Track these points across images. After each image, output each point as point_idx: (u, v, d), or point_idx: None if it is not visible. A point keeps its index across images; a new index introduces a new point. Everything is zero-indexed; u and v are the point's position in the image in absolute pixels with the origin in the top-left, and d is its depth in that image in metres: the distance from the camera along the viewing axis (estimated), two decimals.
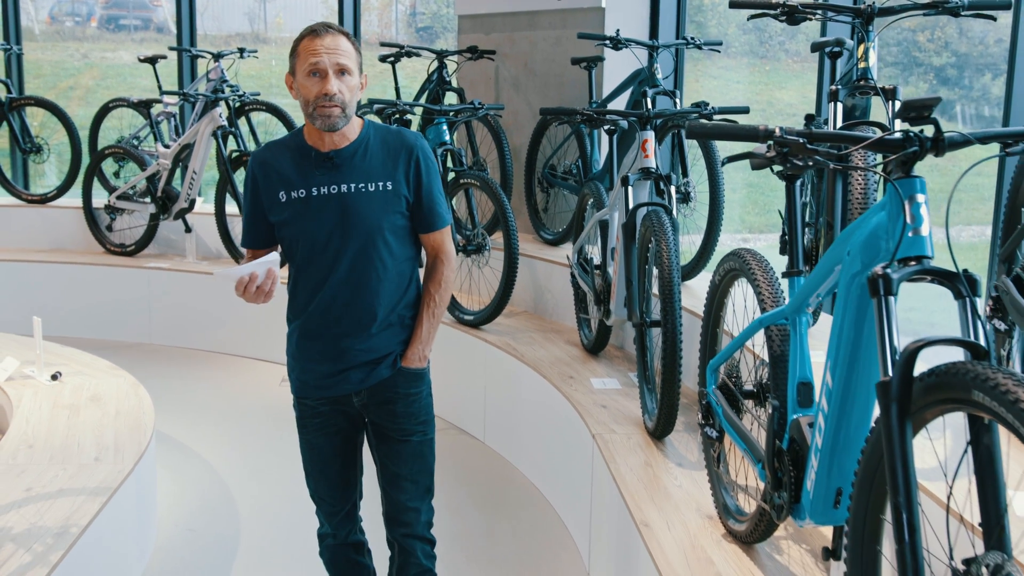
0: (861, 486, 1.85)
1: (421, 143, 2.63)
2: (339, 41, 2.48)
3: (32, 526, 2.98)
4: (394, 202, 2.59)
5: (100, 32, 15.88)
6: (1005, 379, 1.51)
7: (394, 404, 2.69)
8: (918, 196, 1.76)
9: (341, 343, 2.62)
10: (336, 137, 2.55)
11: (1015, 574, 1.56)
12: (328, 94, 2.45)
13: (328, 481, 2.79)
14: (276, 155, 2.61)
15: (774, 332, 2.41)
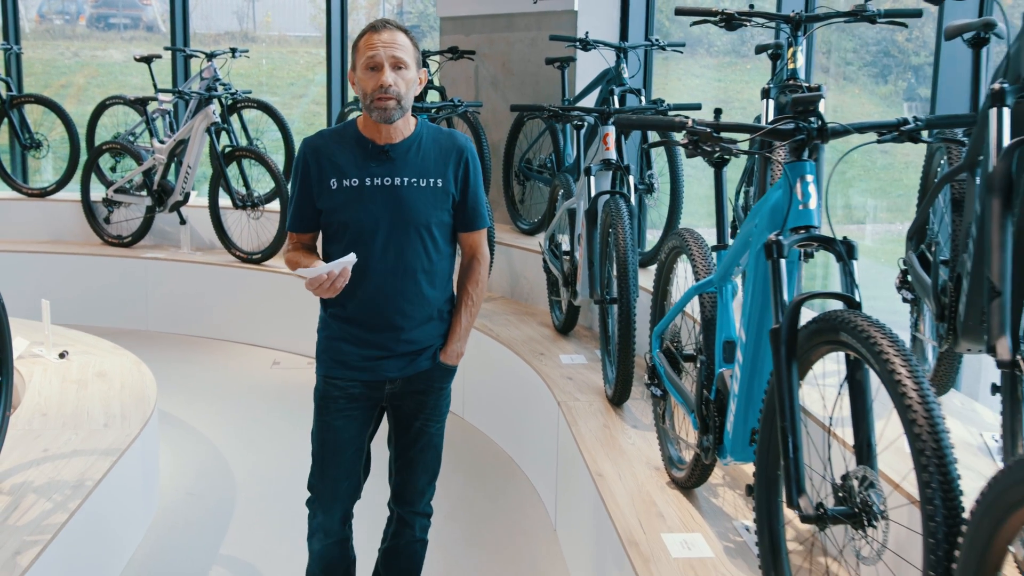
0: (764, 422, 2.21)
1: (471, 146, 2.71)
2: (396, 36, 2.55)
3: (51, 480, 3.32)
4: (442, 199, 2.66)
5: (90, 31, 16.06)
6: (865, 323, 1.87)
7: (427, 396, 2.78)
8: (806, 176, 2.13)
9: (386, 331, 2.68)
10: (391, 131, 2.61)
11: (876, 483, 1.93)
12: (384, 86, 2.51)
13: (338, 468, 2.81)
14: (330, 143, 2.66)
15: (705, 299, 2.77)
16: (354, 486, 2.86)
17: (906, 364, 1.74)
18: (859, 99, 7.23)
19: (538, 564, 3.72)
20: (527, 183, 6.23)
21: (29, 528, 2.96)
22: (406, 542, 2.94)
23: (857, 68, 7.14)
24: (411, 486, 2.87)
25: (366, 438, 2.85)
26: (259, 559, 3.70)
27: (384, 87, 2.52)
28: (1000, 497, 1.39)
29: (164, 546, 3.82)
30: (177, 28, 8.12)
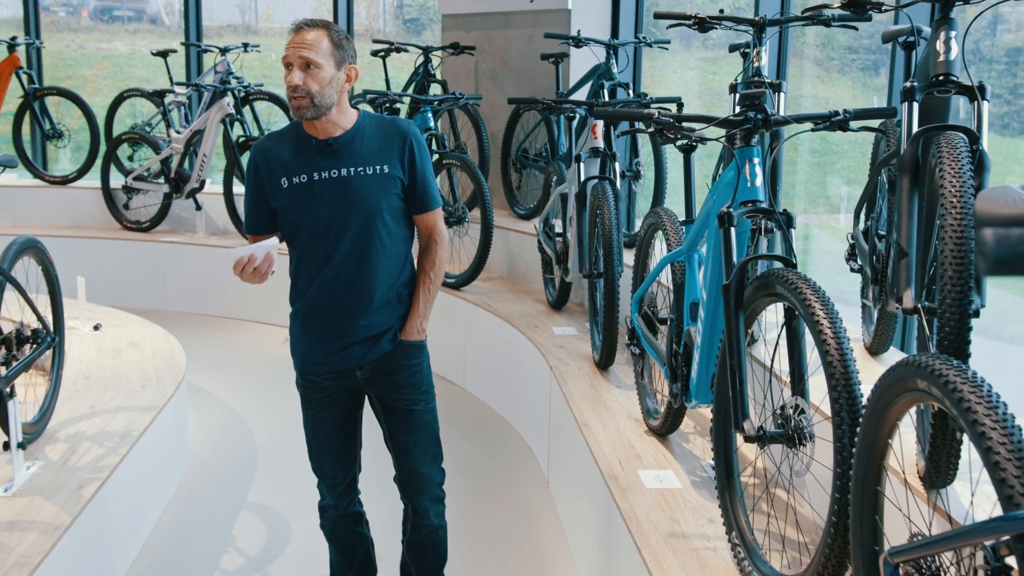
0: (719, 366, 2.64)
1: (414, 130, 2.76)
2: (308, 35, 2.59)
3: (100, 431, 3.75)
4: (390, 184, 2.71)
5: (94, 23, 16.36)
6: (795, 278, 2.30)
7: (397, 376, 2.82)
8: (753, 159, 2.55)
9: (344, 320, 2.74)
10: (330, 126, 2.68)
11: (807, 411, 2.35)
12: (291, 86, 2.58)
13: (331, 454, 2.91)
14: (277, 144, 2.73)
15: (676, 267, 3.20)
16: (349, 465, 2.95)
17: (824, 307, 2.17)
18: (852, 91, 7.58)
19: (532, 511, 4.15)
20: (523, 171, 6.64)
21: (87, 468, 3.39)
22: (427, 532, 2.98)
23: (850, 61, 7.46)
24: (414, 472, 2.91)
25: (354, 422, 2.93)
26: (283, 506, 4.13)
27: (292, 86, 2.58)
28: (880, 397, 1.81)
29: (196, 493, 4.26)
30: (191, 24, 8.51)
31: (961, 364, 1.58)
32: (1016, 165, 5.75)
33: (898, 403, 1.75)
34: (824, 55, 7.22)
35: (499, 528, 3.96)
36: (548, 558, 3.73)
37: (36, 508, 3.08)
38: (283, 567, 3.63)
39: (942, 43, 2.41)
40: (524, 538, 3.89)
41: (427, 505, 2.95)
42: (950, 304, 1.97)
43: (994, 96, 6.00)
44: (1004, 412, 1.47)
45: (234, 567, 3.65)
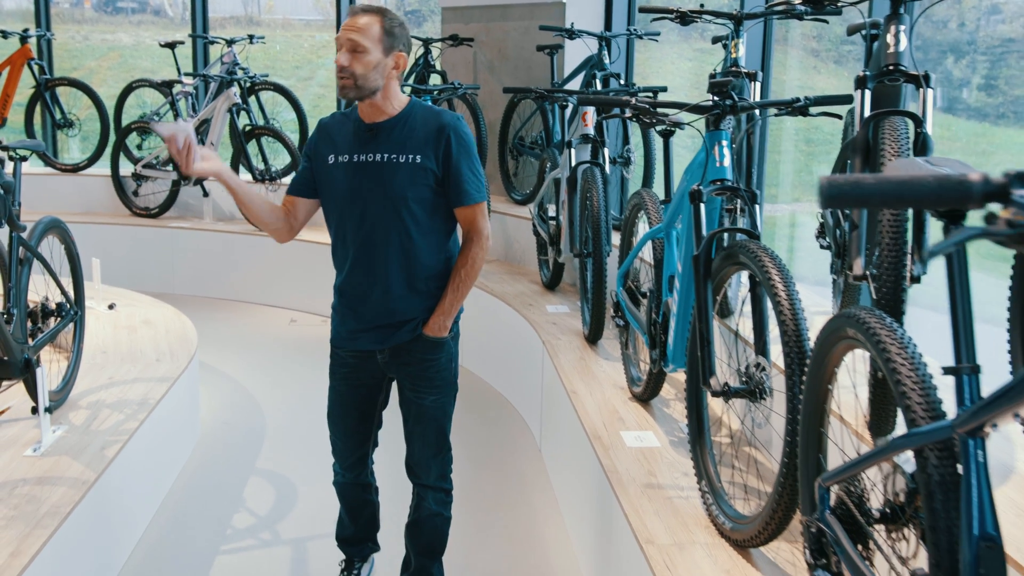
0: (691, 332, 2.89)
1: (455, 123, 2.76)
2: (359, 20, 2.67)
3: (119, 399, 4.01)
4: (420, 175, 2.72)
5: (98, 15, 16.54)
6: (757, 248, 2.54)
7: (411, 367, 2.88)
8: (722, 141, 2.80)
9: (364, 302, 2.81)
10: (376, 111, 2.75)
11: (768, 369, 2.60)
12: (338, 66, 2.66)
13: (344, 430, 3.01)
14: (335, 123, 2.85)
15: (656, 243, 3.44)
16: (362, 441, 3.05)
17: (779, 273, 2.41)
18: (848, 81, 7.80)
19: (525, 476, 4.40)
20: (520, 158, 6.88)
21: (108, 432, 3.65)
22: (425, 516, 3.06)
23: (846, 52, 7.66)
24: (415, 458, 3.02)
25: (373, 405, 3.01)
26: (291, 472, 4.39)
27: (339, 66, 2.65)
28: (820, 346, 2.06)
29: (208, 460, 4.51)
30: (197, 16, 8.74)
31: (883, 315, 1.82)
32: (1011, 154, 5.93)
33: (835, 351, 1.99)
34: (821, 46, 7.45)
35: (494, 492, 4.22)
36: (539, 518, 3.98)
37: (63, 466, 3.33)
38: (291, 526, 3.89)
39: (892, 36, 2.66)
40: (517, 500, 4.15)
41: (424, 490, 3.05)
42: (886, 268, 2.22)
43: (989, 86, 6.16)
44: (913, 352, 1.71)
45: (245, 525, 3.91)
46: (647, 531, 2.73)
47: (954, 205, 0.93)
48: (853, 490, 1.87)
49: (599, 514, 3.25)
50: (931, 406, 1.62)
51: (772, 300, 2.39)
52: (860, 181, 0.96)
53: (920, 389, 1.63)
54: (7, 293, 3.48)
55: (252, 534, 3.85)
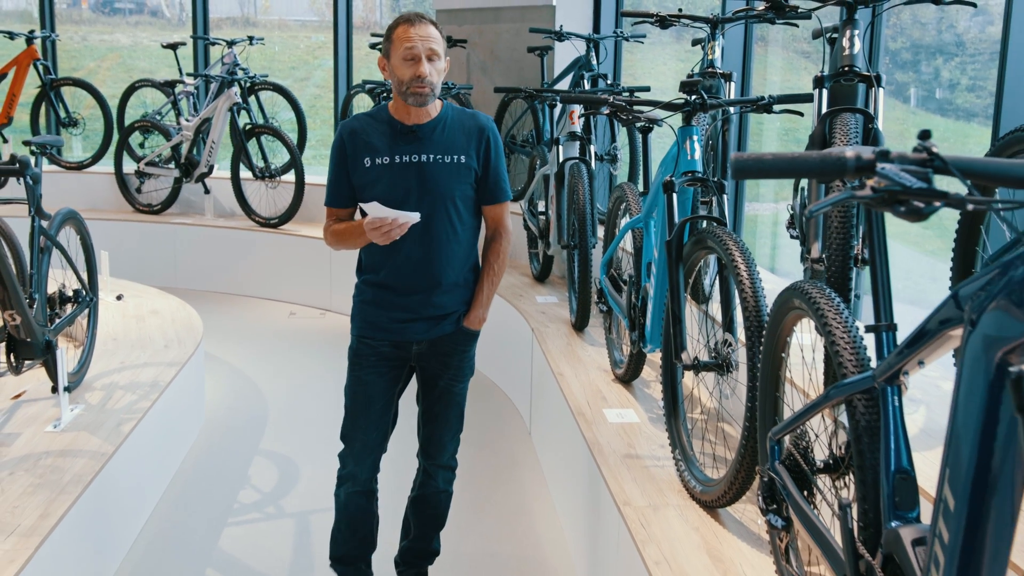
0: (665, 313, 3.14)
1: (492, 125, 2.91)
2: (430, 29, 2.75)
3: (131, 382, 4.24)
4: (465, 174, 2.85)
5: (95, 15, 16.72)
6: (723, 234, 2.79)
7: (451, 357, 3.00)
8: (693, 136, 3.04)
9: (415, 297, 2.90)
10: (419, 113, 2.83)
11: (735, 344, 2.85)
12: (420, 76, 2.72)
13: (368, 419, 3.03)
14: (364, 125, 2.88)
15: (636, 232, 3.69)
16: (382, 437, 3.09)
17: (742, 255, 2.66)
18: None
19: (515, 457, 4.65)
20: (512, 156, 7.13)
21: (123, 411, 3.88)
22: (431, 492, 3.20)
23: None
24: (435, 441, 3.12)
25: (394, 394, 3.08)
26: (293, 452, 4.63)
27: (422, 77, 2.72)
28: (773, 317, 2.30)
29: (214, 442, 4.75)
30: (198, 18, 8.98)
31: (823, 286, 2.06)
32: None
33: (785, 321, 2.24)
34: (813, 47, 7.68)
35: (486, 471, 4.46)
36: (528, 494, 4.23)
37: (83, 441, 3.57)
38: (294, 500, 4.13)
39: (847, 40, 2.91)
40: (508, 478, 4.39)
41: (438, 470, 3.17)
42: (835, 249, 2.47)
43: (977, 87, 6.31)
44: (846, 316, 1.96)
45: (251, 500, 4.15)
46: (625, 494, 2.98)
47: (835, 176, 1.17)
48: (800, 443, 2.11)
49: (582, 482, 3.49)
50: (859, 360, 1.86)
51: (735, 279, 2.64)
52: (761, 158, 1.20)
53: (850, 347, 1.88)
54: (29, 280, 3.72)
55: (257, 508, 4.08)
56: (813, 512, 2.02)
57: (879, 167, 1.13)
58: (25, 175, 3.44)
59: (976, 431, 1.34)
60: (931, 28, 6.21)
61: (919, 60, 6.57)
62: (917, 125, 6.50)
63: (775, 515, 2.15)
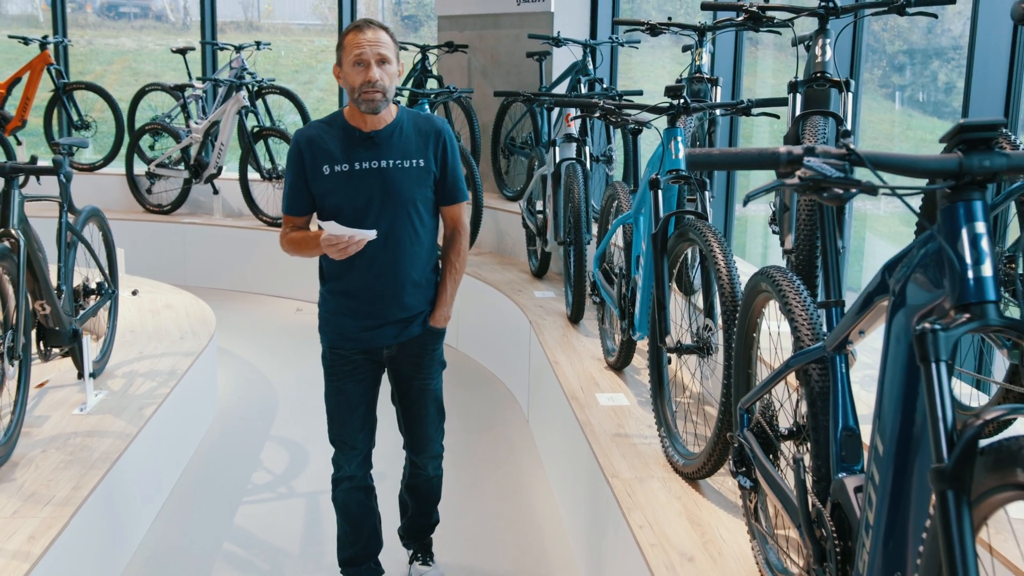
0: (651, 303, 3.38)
1: (447, 128, 2.94)
2: (379, 34, 2.77)
3: (150, 370, 4.48)
4: (425, 177, 2.88)
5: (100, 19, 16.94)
6: (702, 225, 3.02)
7: (421, 358, 3.06)
8: (677, 137, 3.29)
9: (380, 302, 2.92)
10: (376, 119, 2.84)
11: (714, 328, 3.09)
12: (371, 81, 2.74)
13: (353, 424, 3.09)
14: (321, 133, 2.88)
15: (625, 228, 3.93)
16: (368, 436, 3.17)
17: (720, 246, 2.89)
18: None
19: (513, 443, 4.89)
20: (511, 157, 7.37)
21: (144, 396, 4.12)
22: (423, 480, 3.31)
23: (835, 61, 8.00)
24: (420, 436, 3.19)
25: (374, 396, 3.15)
26: (303, 438, 4.87)
27: (372, 82, 2.74)
28: (744, 300, 2.54)
29: (228, 429, 4.99)
30: (206, 23, 9.23)
31: (786, 270, 2.30)
32: None
33: (755, 303, 2.47)
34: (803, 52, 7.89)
35: (485, 456, 4.70)
36: (526, 476, 4.47)
37: (108, 423, 3.81)
38: (304, 482, 4.37)
39: (820, 48, 3.15)
40: (506, 462, 4.63)
41: (427, 461, 3.26)
42: (802, 240, 2.71)
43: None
44: (804, 295, 2.19)
45: (264, 481, 4.39)
46: (613, 468, 3.22)
47: (770, 168, 1.41)
48: (767, 413, 2.35)
49: (575, 459, 3.73)
50: (814, 333, 2.10)
51: (712, 268, 2.88)
52: (709, 153, 1.44)
53: (807, 322, 2.12)
54: (57, 273, 3.96)
55: (270, 488, 4.33)
56: (777, 473, 2.26)
57: (806, 160, 1.36)
58: (59, 174, 3.68)
59: (899, 385, 1.58)
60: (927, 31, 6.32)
61: (915, 63, 6.74)
62: (912, 127, 6.73)
63: (744, 477, 2.38)
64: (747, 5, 3.39)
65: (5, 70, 8.90)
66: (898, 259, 1.58)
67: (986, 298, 1.36)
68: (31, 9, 16.04)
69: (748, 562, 2.58)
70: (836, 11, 3.11)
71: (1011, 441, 1.26)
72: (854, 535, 1.82)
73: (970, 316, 1.37)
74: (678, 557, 2.62)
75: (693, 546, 2.69)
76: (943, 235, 1.38)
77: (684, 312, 3.86)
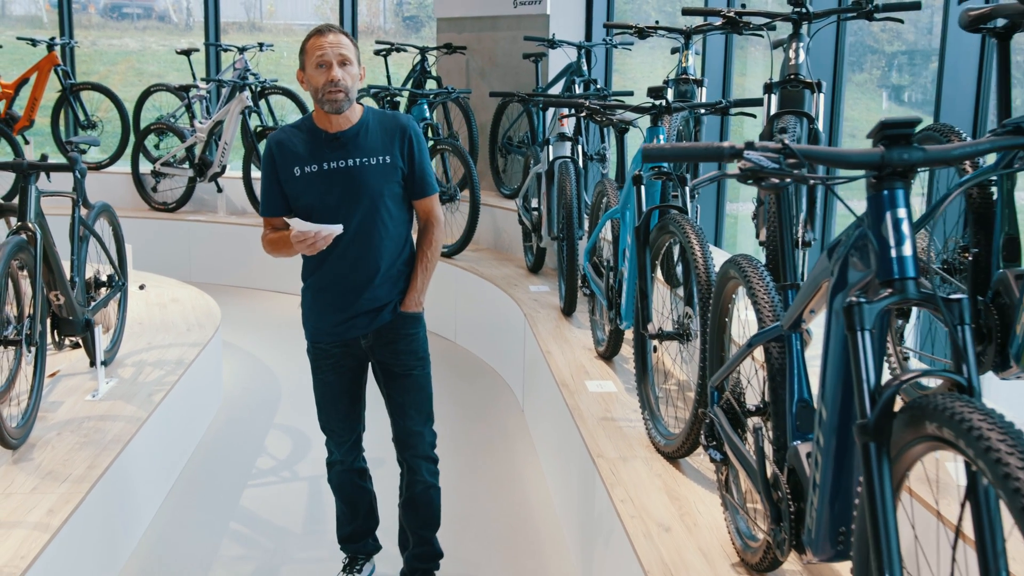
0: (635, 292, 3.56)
1: (412, 124, 3.03)
2: (340, 38, 2.88)
3: (158, 359, 4.67)
4: (392, 173, 2.98)
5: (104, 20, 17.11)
6: (680, 219, 3.21)
7: (396, 343, 3.11)
8: (659, 135, 3.47)
9: (350, 294, 3.02)
10: (341, 120, 2.94)
11: (693, 316, 3.27)
12: (333, 80, 2.84)
13: (338, 414, 3.21)
14: (291, 137, 2.99)
15: (613, 222, 4.12)
16: (356, 423, 3.27)
17: (697, 237, 3.08)
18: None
19: (508, 429, 5.07)
20: (508, 156, 7.56)
21: (153, 384, 4.31)
22: (420, 490, 3.25)
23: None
24: (407, 430, 3.21)
25: (359, 386, 3.23)
26: (305, 426, 5.05)
27: (334, 81, 2.83)
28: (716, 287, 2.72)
29: (233, 418, 5.18)
30: (210, 25, 9.42)
31: (752, 257, 2.49)
32: None
33: (725, 290, 2.65)
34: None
35: (481, 442, 4.89)
36: (519, 461, 4.65)
37: (119, 408, 4.00)
38: (306, 466, 4.56)
39: (794, 51, 3.34)
40: (501, 448, 4.82)
41: (419, 462, 3.24)
42: (772, 232, 2.88)
43: None
44: (767, 279, 2.38)
45: (268, 466, 4.58)
46: (599, 448, 3.40)
47: (716, 160, 1.59)
48: (735, 390, 2.54)
49: (564, 441, 3.92)
50: (774, 314, 2.29)
51: (690, 258, 3.06)
52: (661, 148, 1.62)
53: (768, 304, 2.31)
54: (70, 265, 4.15)
55: (274, 472, 4.52)
56: (744, 446, 2.45)
57: (745, 153, 1.55)
58: (75, 170, 3.87)
59: (839, 355, 1.77)
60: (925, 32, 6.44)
61: (914, 62, 6.91)
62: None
63: (715, 450, 2.57)
64: (725, 11, 3.57)
65: (13, 70, 9.09)
66: (837, 243, 1.77)
67: (906, 275, 1.55)
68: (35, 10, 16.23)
69: (721, 531, 2.77)
70: (808, 16, 3.30)
71: (923, 399, 1.44)
72: (806, 496, 2.00)
73: (892, 291, 1.55)
74: (656, 527, 2.81)
75: (671, 517, 2.88)
76: (869, 220, 1.57)
77: (668, 302, 4.05)
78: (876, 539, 1.48)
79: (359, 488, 3.38)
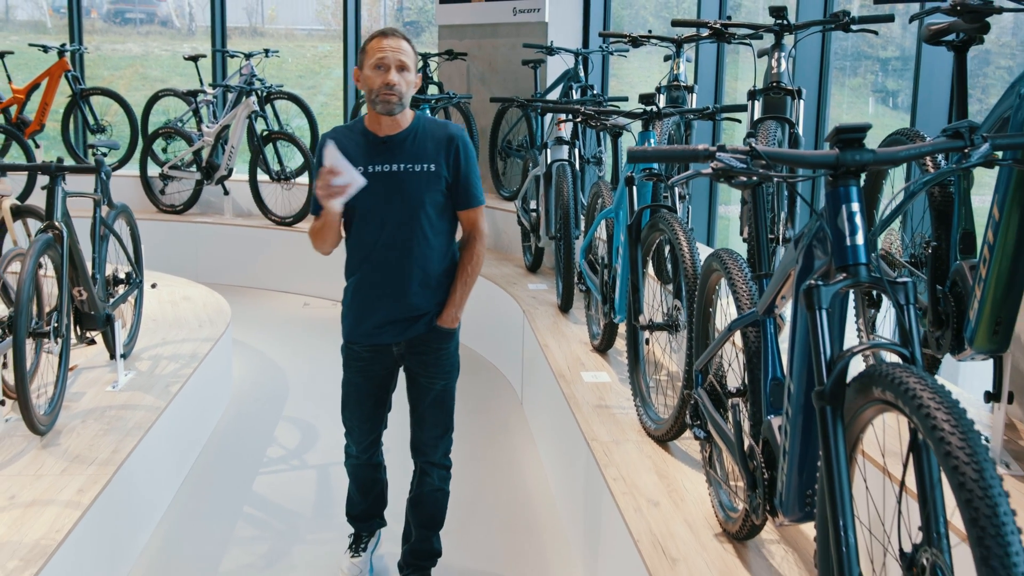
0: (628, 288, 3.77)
1: (462, 134, 3.02)
2: (401, 43, 2.90)
3: (173, 353, 4.89)
4: (435, 181, 2.96)
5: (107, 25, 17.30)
6: (669, 216, 3.43)
7: (426, 356, 3.12)
8: (650, 139, 3.69)
9: (384, 301, 3.02)
10: (392, 124, 2.95)
11: (681, 308, 3.48)
12: (389, 84, 2.86)
13: (360, 416, 3.27)
14: (343, 136, 3.00)
15: (608, 222, 4.33)
16: (377, 423, 3.32)
17: (683, 232, 3.29)
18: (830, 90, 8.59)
19: (508, 422, 5.29)
20: (508, 159, 7.78)
21: (169, 376, 4.53)
22: (428, 491, 3.33)
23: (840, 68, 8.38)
24: (423, 438, 3.28)
25: (385, 392, 3.27)
26: (313, 418, 5.27)
27: (390, 85, 2.86)
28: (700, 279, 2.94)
29: (242, 411, 5.40)
30: (216, 32, 9.64)
31: (732, 250, 2.70)
32: None
33: (709, 281, 2.87)
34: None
35: (481, 433, 5.10)
36: (518, 451, 4.87)
37: (138, 399, 4.21)
38: (315, 455, 4.77)
39: (776, 60, 3.56)
40: (500, 439, 5.03)
41: (431, 469, 3.31)
42: (751, 229, 3.10)
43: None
44: (746, 271, 2.60)
45: (278, 455, 4.79)
46: (593, 433, 3.62)
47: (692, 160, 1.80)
48: (718, 373, 2.76)
49: (561, 429, 4.14)
50: (752, 301, 2.50)
51: (677, 253, 3.28)
52: (645, 150, 1.84)
53: (746, 292, 2.52)
54: (92, 263, 4.36)
55: (284, 461, 4.73)
56: (725, 425, 2.66)
57: (717, 155, 1.77)
58: (100, 172, 4.09)
59: (803, 335, 1.99)
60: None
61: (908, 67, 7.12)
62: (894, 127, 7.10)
63: (699, 428, 2.79)
64: (712, 22, 3.80)
65: (23, 76, 9.32)
66: (801, 235, 1.98)
67: (859, 261, 1.76)
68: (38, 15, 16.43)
69: (705, 505, 2.99)
70: (789, 28, 3.52)
71: (871, 367, 1.66)
72: (778, 464, 2.22)
73: (846, 275, 1.77)
74: (645, 502, 3.03)
75: (659, 493, 3.09)
76: (826, 213, 1.79)
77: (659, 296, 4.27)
78: (831, 492, 1.70)
79: (372, 479, 3.48)
